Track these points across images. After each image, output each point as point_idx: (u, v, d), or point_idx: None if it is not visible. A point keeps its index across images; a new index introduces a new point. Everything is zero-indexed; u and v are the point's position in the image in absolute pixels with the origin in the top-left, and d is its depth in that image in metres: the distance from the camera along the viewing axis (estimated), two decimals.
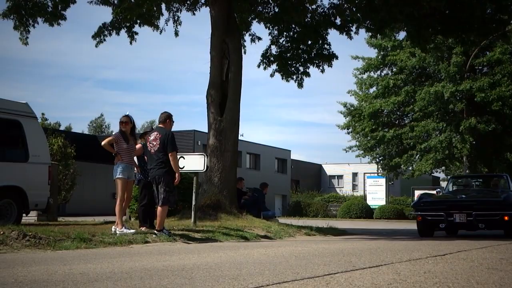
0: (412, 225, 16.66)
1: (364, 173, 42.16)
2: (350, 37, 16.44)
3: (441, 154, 29.64)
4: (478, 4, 14.80)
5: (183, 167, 10.73)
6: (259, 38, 17.60)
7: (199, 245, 8.61)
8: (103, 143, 9.35)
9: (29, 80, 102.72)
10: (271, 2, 16.38)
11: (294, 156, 56.01)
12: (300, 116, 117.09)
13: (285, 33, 17.13)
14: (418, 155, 31.46)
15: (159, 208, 9.17)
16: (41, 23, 15.13)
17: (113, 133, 9.54)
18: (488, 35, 17.47)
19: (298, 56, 17.15)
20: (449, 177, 21.08)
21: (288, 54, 17.19)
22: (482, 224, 12.13)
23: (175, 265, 5.22)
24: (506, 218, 11.89)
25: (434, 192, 15.24)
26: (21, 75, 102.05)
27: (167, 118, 9.61)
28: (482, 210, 12.11)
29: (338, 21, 16.35)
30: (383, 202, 36.92)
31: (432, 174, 45.60)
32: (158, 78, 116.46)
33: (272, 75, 17.51)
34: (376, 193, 37.73)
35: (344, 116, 32.92)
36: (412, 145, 31.04)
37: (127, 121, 9.61)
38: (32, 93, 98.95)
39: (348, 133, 33.11)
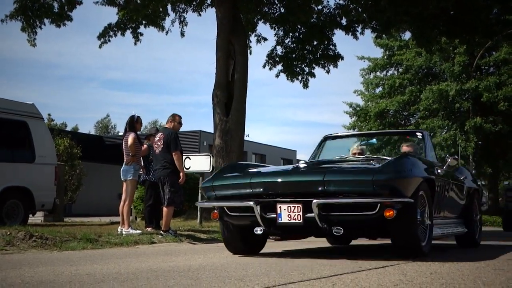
0: None
1: None
2: (356, 38, 16.45)
3: (445, 152, 29.57)
4: (485, 4, 14.78)
5: (189, 167, 10.76)
6: (265, 39, 17.62)
7: (205, 246, 8.61)
8: (131, 142, 9.25)
9: (36, 81, 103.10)
10: (277, 2, 16.39)
11: (300, 156, 55.89)
12: (306, 116, 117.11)
13: (290, 34, 17.14)
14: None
15: (164, 209, 9.18)
16: (47, 24, 15.20)
17: (129, 133, 9.44)
18: (493, 36, 17.45)
19: (303, 56, 17.15)
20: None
21: (294, 55, 17.19)
22: (339, 228, 5.64)
23: (181, 265, 5.23)
24: (389, 213, 5.41)
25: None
26: (27, 76, 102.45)
27: (170, 118, 9.64)
28: (335, 195, 5.61)
29: (344, 21, 16.36)
30: None
31: None
32: (164, 79, 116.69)
33: (277, 76, 17.52)
34: None
35: (350, 117, 32.91)
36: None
37: (141, 122, 9.69)
38: (39, 94, 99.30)
39: None
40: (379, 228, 6.02)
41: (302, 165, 6.51)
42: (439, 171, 6.86)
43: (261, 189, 5.99)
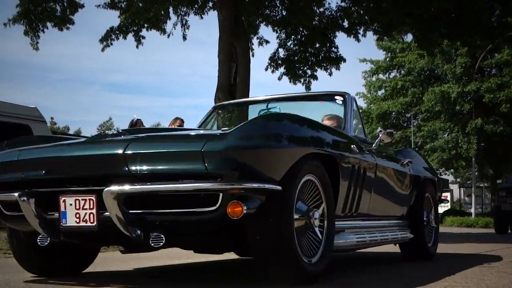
0: None
1: None
2: (358, 40, 16.46)
3: (447, 154, 29.60)
4: (486, 6, 14.81)
5: None
6: (267, 41, 17.63)
7: None
8: None
9: (38, 84, 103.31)
10: (278, 5, 16.41)
11: None
12: None
13: (292, 36, 17.15)
14: (426, 155, 31.54)
15: None
16: (50, 28, 15.24)
17: None
18: (493, 39, 17.54)
19: (305, 59, 17.15)
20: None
21: (296, 57, 17.19)
22: (159, 235, 3.22)
23: (184, 267, 5.24)
24: (234, 209, 3.01)
25: None
26: (30, 79, 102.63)
27: (172, 121, 9.68)
28: (149, 180, 3.12)
29: (345, 23, 16.38)
30: None
31: (441, 176, 45.56)
32: (166, 81, 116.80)
33: (279, 78, 17.53)
34: None
35: None
36: (420, 145, 31.12)
37: (142, 125, 9.74)
38: (41, 97, 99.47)
39: None
40: (231, 235, 3.65)
41: (111, 132, 3.79)
42: (353, 146, 4.40)
43: (37, 172, 3.56)
